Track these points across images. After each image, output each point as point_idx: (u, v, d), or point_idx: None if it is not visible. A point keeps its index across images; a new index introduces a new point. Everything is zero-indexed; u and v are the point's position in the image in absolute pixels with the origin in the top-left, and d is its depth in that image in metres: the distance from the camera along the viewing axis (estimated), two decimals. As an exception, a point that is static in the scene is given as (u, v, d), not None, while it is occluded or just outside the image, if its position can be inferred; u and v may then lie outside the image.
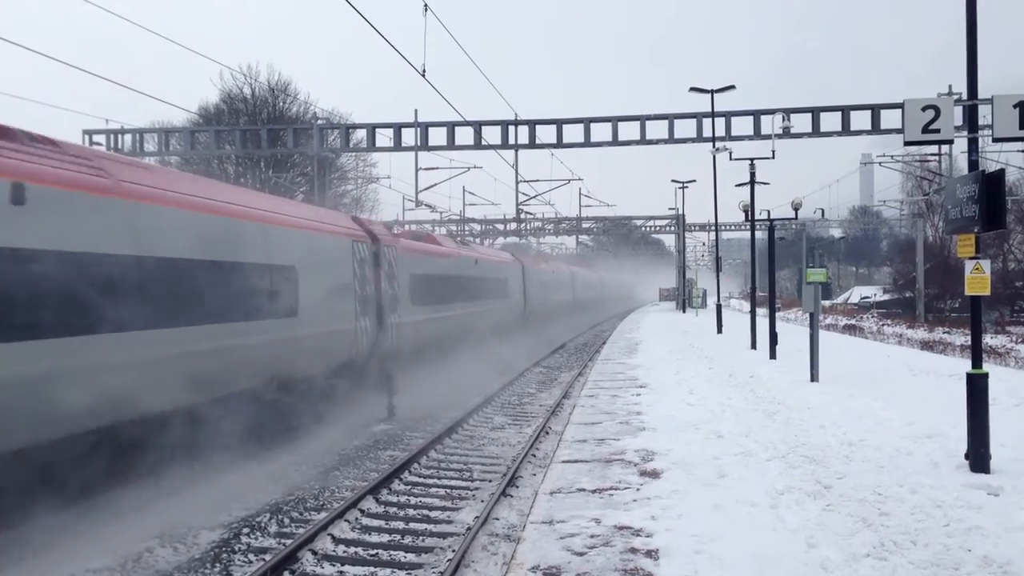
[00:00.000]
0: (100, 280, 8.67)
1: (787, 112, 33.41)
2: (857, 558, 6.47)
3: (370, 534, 9.04)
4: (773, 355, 21.53)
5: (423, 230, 31.77)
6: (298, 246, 13.12)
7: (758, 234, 27.75)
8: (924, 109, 9.56)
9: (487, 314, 27.46)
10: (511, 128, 36.11)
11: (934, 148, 41.07)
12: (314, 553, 8.19)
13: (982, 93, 9.51)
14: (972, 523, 7.26)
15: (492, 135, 35.97)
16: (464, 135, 36.06)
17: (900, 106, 9.75)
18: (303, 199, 41.36)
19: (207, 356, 10.41)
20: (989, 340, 27.18)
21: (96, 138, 38.50)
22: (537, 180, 46.68)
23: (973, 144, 9.72)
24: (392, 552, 8.44)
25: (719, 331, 33.30)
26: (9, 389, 7.51)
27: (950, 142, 10.36)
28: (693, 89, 36.45)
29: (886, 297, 62.92)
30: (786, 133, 31.50)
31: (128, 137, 39.42)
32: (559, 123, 36.34)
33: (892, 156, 44.41)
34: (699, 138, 35.68)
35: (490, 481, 11.23)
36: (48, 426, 8.02)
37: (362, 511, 9.66)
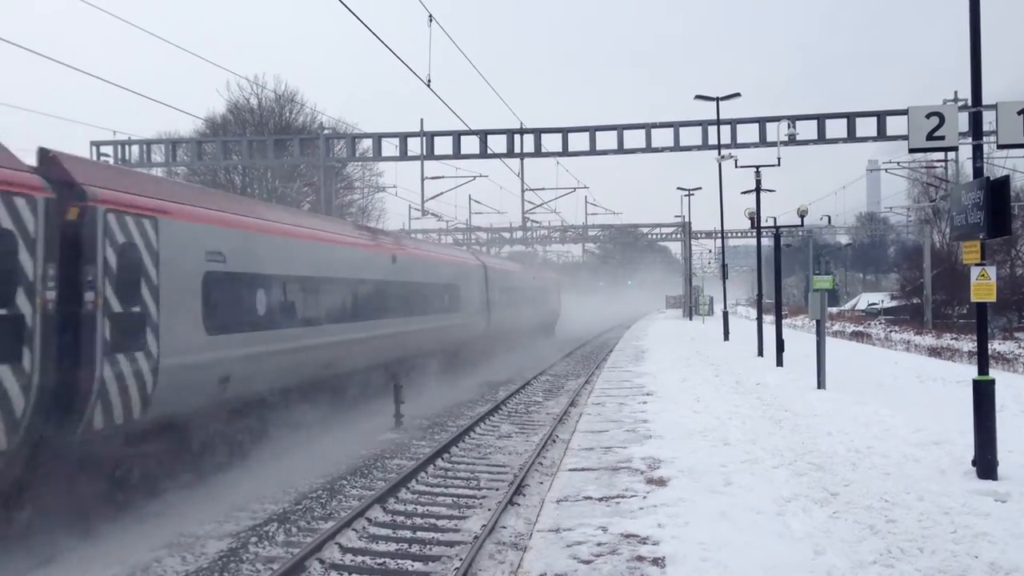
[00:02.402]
0: None
1: (793, 119, 33.50)
2: (864, 565, 6.48)
3: (377, 543, 9.07)
4: (780, 362, 21.50)
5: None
6: None
7: (764, 241, 27.74)
8: (928, 116, 9.59)
9: (413, 337, 19.31)
10: (516, 137, 36.18)
11: (940, 154, 41.00)
12: (322, 562, 8.23)
13: (998, 98, 9.52)
14: (979, 530, 7.25)
15: (498, 144, 36.07)
16: (470, 144, 36.18)
17: (906, 113, 9.78)
18: (310, 209, 41.49)
19: None
20: (997, 346, 27.12)
21: (104, 149, 38.73)
22: (543, 188, 46.88)
23: (978, 151, 9.73)
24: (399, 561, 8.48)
25: (726, 338, 33.30)
26: None
27: (955, 149, 10.36)
28: (698, 97, 36.53)
29: (893, 303, 62.63)
30: (792, 140, 31.56)
31: (135, 148, 39.63)
32: (564, 132, 36.40)
33: (899, 163, 44.42)
34: (705, 146, 35.72)
35: (497, 490, 11.26)
36: None
37: (369, 520, 9.69)
